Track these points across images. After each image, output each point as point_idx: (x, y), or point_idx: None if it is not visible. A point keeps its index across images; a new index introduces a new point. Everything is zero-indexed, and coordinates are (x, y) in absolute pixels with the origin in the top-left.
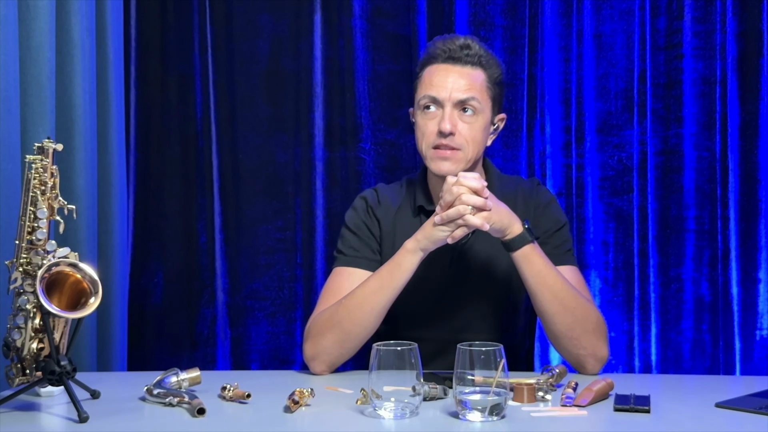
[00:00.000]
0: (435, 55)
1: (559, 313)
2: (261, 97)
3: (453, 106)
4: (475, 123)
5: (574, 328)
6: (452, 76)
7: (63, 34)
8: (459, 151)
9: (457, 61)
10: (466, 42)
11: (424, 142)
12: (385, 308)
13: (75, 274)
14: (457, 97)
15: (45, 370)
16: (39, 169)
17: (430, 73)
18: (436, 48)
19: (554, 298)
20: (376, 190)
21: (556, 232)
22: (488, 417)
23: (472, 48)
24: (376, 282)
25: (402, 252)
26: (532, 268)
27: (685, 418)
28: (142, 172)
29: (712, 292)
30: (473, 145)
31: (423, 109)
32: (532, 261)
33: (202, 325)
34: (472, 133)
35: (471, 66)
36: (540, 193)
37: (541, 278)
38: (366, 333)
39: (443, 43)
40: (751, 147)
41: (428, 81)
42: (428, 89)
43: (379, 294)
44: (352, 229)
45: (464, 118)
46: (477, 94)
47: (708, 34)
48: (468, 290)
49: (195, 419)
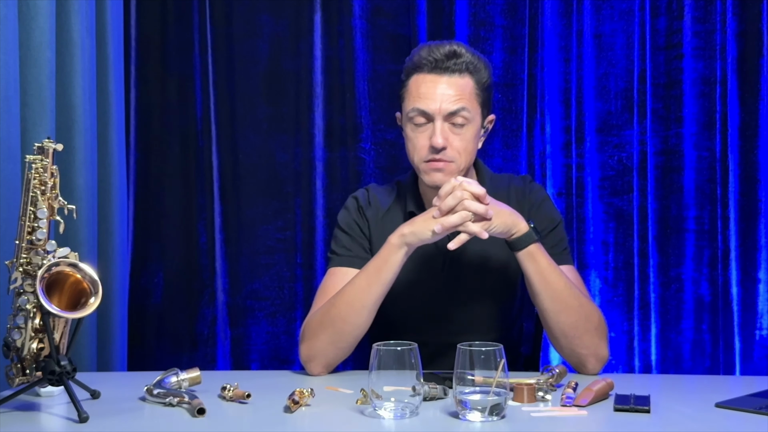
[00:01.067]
0: (421, 64)
1: (562, 311)
2: (261, 97)
3: (443, 119)
4: (466, 133)
5: (576, 327)
6: (440, 86)
7: (63, 34)
8: (452, 163)
9: (445, 71)
10: (452, 49)
11: (416, 155)
12: (376, 304)
13: (75, 274)
14: (447, 110)
15: (45, 370)
16: (39, 169)
17: (417, 83)
18: (421, 57)
19: (557, 296)
20: (367, 189)
21: (551, 232)
22: (488, 417)
23: (459, 55)
24: (363, 279)
25: (387, 247)
26: (537, 267)
27: (685, 418)
28: (142, 172)
29: (712, 292)
30: (465, 155)
31: (413, 123)
32: (537, 259)
33: (202, 325)
34: (464, 144)
35: (459, 74)
36: (533, 191)
37: (545, 277)
38: (358, 331)
39: (429, 51)
40: (751, 147)
41: (415, 92)
42: (416, 101)
43: (367, 291)
44: (344, 229)
45: (455, 130)
46: (467, 104)
47: (708, 34)
48: (461, 292)
49: (195, 419)
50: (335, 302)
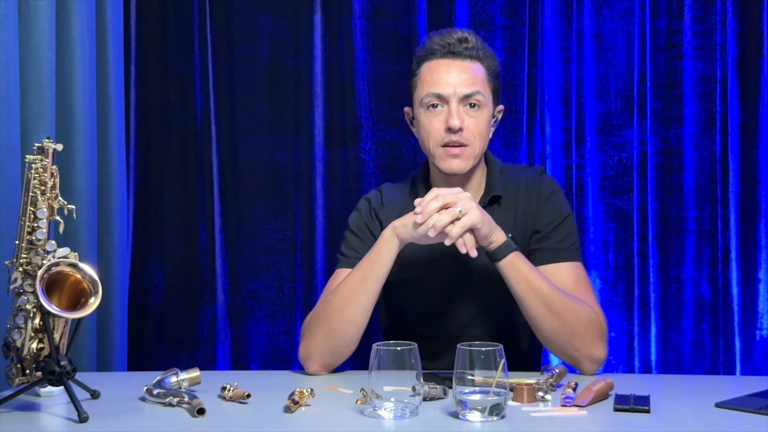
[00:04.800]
0: (433, 50)
1: (545, 317)
2: (261, 97)
3: (459, 102)
4: (480, 117)
5: (561, 332)
6: (454, 70)
7: (63, 34)
8: (467, 147)
9: (457, 55)
10: (463, 35)
11: (431, 140)
12: (370, 299)
13: (75, 274)
14: (462, 92)
15: (45, 370)
16: (39, 169)
17: (430, 69)
18: (433, 43)
19: (540, 303)
20: (380, 190)
21: (558, 226)
22: (488, 417)
23: (470, 41)
24: (357, 274)
25: (380, 241)
26: (517, 275)
27: (685, 418)
28: (142, 172)
29: (712, 292)
30: (480, 140)
31: (427, 107)
32: (517, 268)
33: (202, 325)
34: (479, 128)
35: (470, 59)
36: (542, 183)
37: (526, 284)
38: (354, 328)
39: (441, 37)
40: (751, 147)
41: (429, 78)
42: (431, 86)
43: (361, 285)
44: (354, 231)
45: (470, 112)
46: (480, 88)
47: (708, 34)
48: (473, 286)
49: (195, 419)
50: (331, 299)
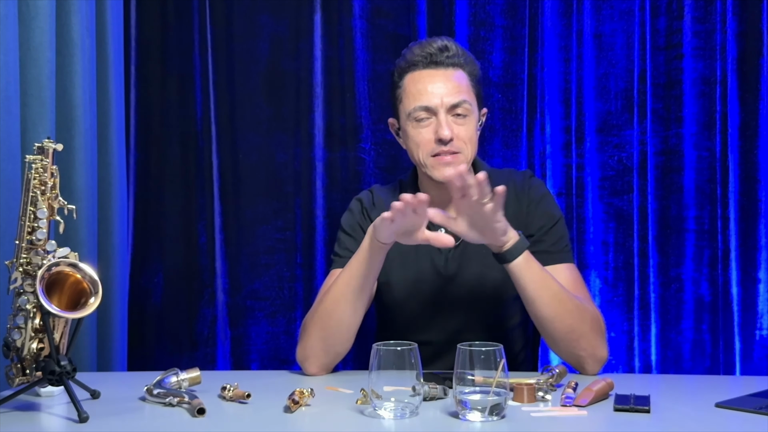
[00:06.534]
0: (415, 61)
1: (559, 315)
2: (261, 97)
3: (446, 111)
4: (468, 124)
5: (574, 329)
6: (438, 80)
7: (63, 34)
8: (460, 154)
9: (439, 64)
10: (443, 43)
11: (422, 152)
12: (360, 299)
13: (75, 274)
14: (449, 102)
15: (45, 370)
16: (39, 169)
17: (414, 80)
18: (414, 54)
19: (553, 300)
20: (371, 191)
21: (551, 229)
22: (488, 417)
23: (450, 49)
24: (346, 272)
25: (365, 238)
26: (533, 274)
27: (685, 418)
28: (142, 172)
29: (712, 292)
30: (470, 145)
31: (415, 120)
32: (531, 266)
33: (202, 325)
34: (468, 134)
35: (453, 67)
36: (532, 187)
37: (540, 283)
38: (345, 328)
39: (421, 48)
40: (751, 147)
41: (414, 90)
42: (418, 99)
43: (349, 283)
44: (347, 231)
45: (458, 120)
46: (466, 96)
47: (708, 34)
48: (464, 290)
49: (195, 419)
50: (323, 299)
